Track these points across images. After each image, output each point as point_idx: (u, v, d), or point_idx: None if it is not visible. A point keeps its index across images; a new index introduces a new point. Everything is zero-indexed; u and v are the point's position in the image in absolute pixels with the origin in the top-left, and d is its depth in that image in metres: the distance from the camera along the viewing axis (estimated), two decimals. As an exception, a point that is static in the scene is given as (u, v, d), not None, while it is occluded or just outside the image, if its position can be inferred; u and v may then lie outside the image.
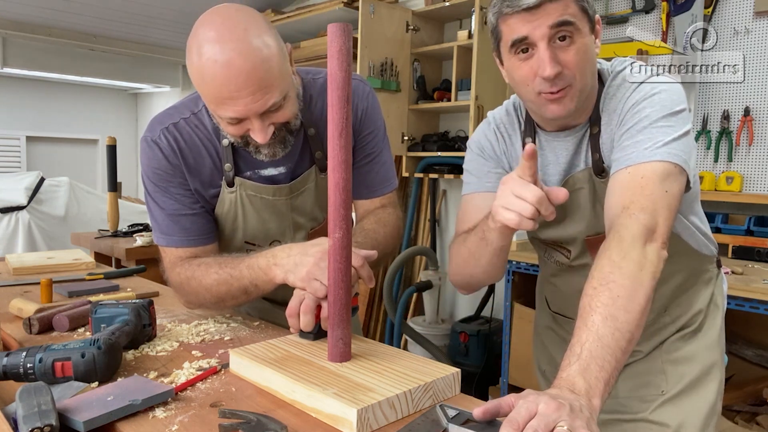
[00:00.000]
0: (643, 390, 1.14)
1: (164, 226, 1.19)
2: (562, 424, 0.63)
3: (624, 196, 0.91)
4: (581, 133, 1.06)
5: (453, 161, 3.32)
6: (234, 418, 0.74)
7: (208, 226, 1.22)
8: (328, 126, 0.87)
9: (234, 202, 1.20)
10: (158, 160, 1.16)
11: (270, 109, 1.01)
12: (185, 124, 1.17)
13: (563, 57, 0.94)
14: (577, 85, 0.97)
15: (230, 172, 1.18)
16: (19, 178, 4.07)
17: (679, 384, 1.12)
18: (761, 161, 2.41)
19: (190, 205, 1.19)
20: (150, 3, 4.30)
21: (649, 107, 0.95)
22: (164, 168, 1.16)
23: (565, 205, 1.08)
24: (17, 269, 1.70)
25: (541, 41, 0.93)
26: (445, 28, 3.56)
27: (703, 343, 1.14)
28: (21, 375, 0.84)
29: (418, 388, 0.80)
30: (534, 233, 1.19)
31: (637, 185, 0.90)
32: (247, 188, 1.19)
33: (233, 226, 1.23)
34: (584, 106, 1.04)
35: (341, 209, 0.87)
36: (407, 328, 3.22)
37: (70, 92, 6.92)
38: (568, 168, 1.09)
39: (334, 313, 0.89)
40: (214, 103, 1.01)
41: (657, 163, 0.91)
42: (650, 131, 0.93)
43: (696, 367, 1.13)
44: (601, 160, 1.04)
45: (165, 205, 1.18)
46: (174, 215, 1.18)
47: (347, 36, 0.85)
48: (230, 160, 1.17)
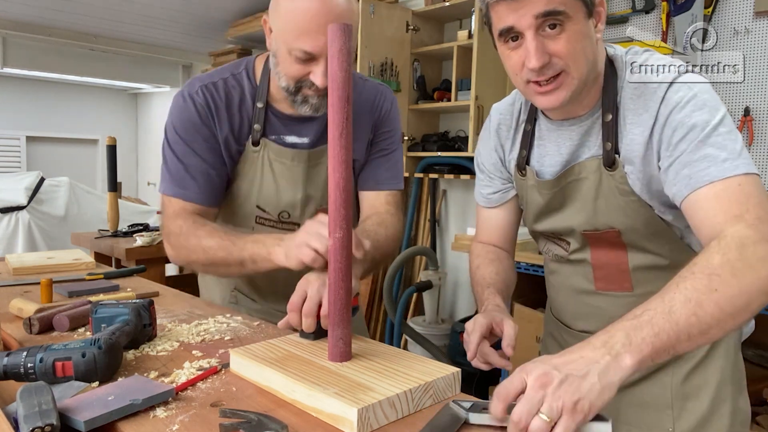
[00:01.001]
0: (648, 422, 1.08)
1: (178, 178, 1.24)
2: (543, 414, 0.64)
3: (730, 203, 0.83)
4: (589, 120, 1.01)
5: (453, 161, 3.32)
6: (234, 417, 0.74)
7: (217, 190, 1.28)
8: (328, 126, 0.87)
9: (255, 163, 1.27)
10: (190, 113, 1.24)
11: None
12: (223, 84, 1.26)
13: (552, 46, 0.89)
14: (573, 72, 0.91)
15: (258, 133, 1.25)
16: (19, 178, 4.07)
17: (687, 422, 1.05)
18: (761, 161, 2.41)
19: (210, 163, 1.25)
20: (150, 3, 4.30)
21: (698, 111, 0.89)
22: (194, 122, 1.24)
23: (565, 195, 1.06)
24: (17, 269, 1.70)
25: (527, 30, 0.89)
26: (445, 28, 3.56)
27: (715, 376, 1.06)
28: (21, 375, 0.84)
29: (419, 387, 0.80)
30: (533, 225, 1.16)
31: (740, 194, 0.83)
32: (269, 150, 1.26)
33: (249, 187, 1.29)
34: (587, 95, 0.98)
35: (341, 209, 0.87)
36: (407, 328, 3.22)
37: (70, 92, 6.92)
38: (570, 158, 1.04)
39: (334, 313, 0.89)
40: (296, 33, 1.08)
41: (745, 176, 0.84)
42: (716, 140, 0.87)
43: (705, 401, 1.05)
44: (614, 150, 0.97)
45: (185, 158, 1.24)
46: (191, 168, 1.24)
47: (347, 36, 0.85)
48: (260, 121, 1.25)
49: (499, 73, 3.08)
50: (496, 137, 1.18)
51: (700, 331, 0.72)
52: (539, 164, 1.09)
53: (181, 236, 1.20)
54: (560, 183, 1.06)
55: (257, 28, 4.22)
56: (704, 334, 0.73)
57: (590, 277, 1.11)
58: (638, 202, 0.99)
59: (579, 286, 1.14)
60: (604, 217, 1.03)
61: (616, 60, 1.00)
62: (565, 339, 1.21)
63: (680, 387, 1.06)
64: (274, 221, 1.32)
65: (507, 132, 1.16)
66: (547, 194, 1.08)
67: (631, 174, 0.98)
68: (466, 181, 3.47)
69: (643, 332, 0.70)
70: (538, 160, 1.09)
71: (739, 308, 0.74)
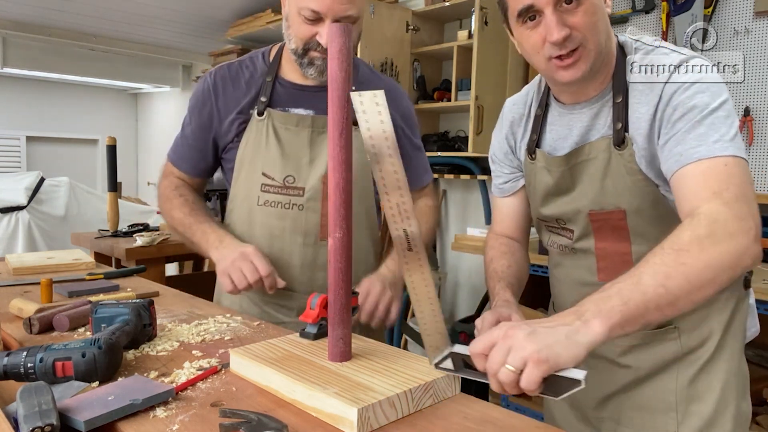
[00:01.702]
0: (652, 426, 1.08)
1: (177, 145, 1.46)
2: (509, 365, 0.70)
3: (712, 180, 0.85)
4: (599, 103, 1.04)
5: (453, 161, 3.32)
6: (235, 417, 0.74)
7: (201, 164, 1.45)
8: (328, 126, 0.87)
9: (260, 131, 1.35)
10: (198, 91, 1.41)
11: (344, 20, 1.21)
12: (237, 65, 1.41)
13: (571, 20, 0.93)
14: (590, 45, 0.95)
15: (263, 104, 1.35)
16: (19, 178, 4.07)
17: (692, 426, 1.05)
18: (761, 161, 2.41)
19: (203, 138, 1.41)
20: (150, 3, 4.30)
21: (700, 93, 0.92)
22: (199, 98, 1.40)
23: (574, 175, 1.07)
24: (17, 269, 1.70)
25: (546, 7, 0.92)
26: (445, 28, 3.56)
27: (720, 379, 1.05)
28: (22, 375, 0.84)
29: (419, 387, 0.80)
30: (540, 209, 1.17)
31: (723, 173, 0.85)
32: (274, 118, 1.35)
33: (254, 155, 1.37)
34: (600, 72, 1.01)
35: (341, 209, 0.87)
36: (407, 328, 3.22)
37: (70, 92, 6.92)
38: (580, 140, 1.06)
39: (334, 313, 0.89)
40: None
41: (733, 158, 0.86)
42: (711, 122, 0.89)
43: (710, 404, 1.05)
44: (624, 129, 0.99)
45: (184, 129, 1.44)
46: (187, 138, 1.43)
47: (347, 36, 0.85)
48: (267, 94, 1.36)
49: (499, 73, 3.08)
50: (509, 127, 1.21)
51: (668, 302, 0.76)
52: (552, 148, 1.11)
53: (162, 197, 1.45)
54: (570, 161, 1.07)
55: (257, 28, 4.22)
56: (672, 305, 0.76)
57: (593, 268, 1.12)
58: (645, 181, 1.01)
59: (582, 278, 1.14)
60: (612, 197, 1.04)
61: (627, 45, 1.03)
62: None
63: (685, 390, 1.06)
64: (279, 186, 1.36)
65: (519, 120, 1.19)
66: (556, 173, 1.10)
67: (637, 152, 1.00)
68: (466, 181, 3.47)
69: (612, 302, 0.74)
70: (550, 144, 1.11)
71: (706, 281, 0.77)
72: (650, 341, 1.08)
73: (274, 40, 1.49)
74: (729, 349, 1.07)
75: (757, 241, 0.81)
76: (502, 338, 0.72)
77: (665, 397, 1.07)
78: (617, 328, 0.73)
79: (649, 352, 1.09)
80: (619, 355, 1.12)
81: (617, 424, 1.13)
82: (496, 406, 0.82)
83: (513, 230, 1.27)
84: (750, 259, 0.80)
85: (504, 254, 1.20)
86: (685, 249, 0.78)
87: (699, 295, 0.78)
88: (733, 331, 1.08)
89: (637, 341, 1.09)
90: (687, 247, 0.78)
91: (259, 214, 1.37)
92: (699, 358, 1.06)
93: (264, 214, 1.36)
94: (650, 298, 0.75)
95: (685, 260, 0.77)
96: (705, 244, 0.78)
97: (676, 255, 0.78)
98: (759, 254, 0.81)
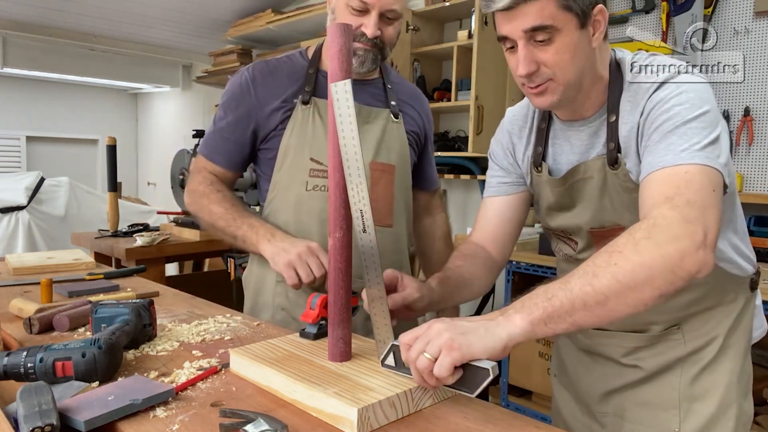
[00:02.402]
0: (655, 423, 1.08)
1: (210, 140, 1.44)
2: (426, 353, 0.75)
3: (667, 186, 0.84)
4: (596, 123, 1.04)
5: (453, 161, 3.32)
6: (235, 417, 0.74)
7: (235, 157, 1.43)
8: (328, 126, 0.87)
9: (306, 119, 1.37)
10: (235, 86, 1.41)
11: (389, 14, 1.30)
12: (276, 62, 1.43)
13: (541, 56, 0.94)
14: (560, 80, 0.96)
15: (308, 93, 1.38)
16: (19, 178, 4.06)
17: (693, 424, 1.05)
18: (761, 161, 2.41)
19: (237, 133, 1.40)
20: (150, 3, 4.30)
21: (678, 105, 0.91)
22: (236, 93, 1.40)
23: (573, 193, 1.08)
24: (17, 269, 1.70)
25: (519, 40, 0.94)
26: (445, 28, 3.56)
27: (724, 379, 1.06)
28: (22, 375, 0.84)
29: (419, 387, 0.80)
30: (545, 220, 1.17)
31: (681, 179, 0.84)
32: (319, 107, 1.38)
33: (302, 142, 1.38)
34: (587, 98, 1.02)
35: (341, 209, 0.87)
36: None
37: (70, 92, 6.91)
38: (580, 157, 1.07)
39: (334, 313, 0.89)
40: None
41: (699, 166, 0.85)
42: (683, 131, 0.89)
43: (712, 403, 1.05)
44: (616, 149, 1.00)
45: (219, 122, 1.42)
46: (222, 132, 1.41)
47: (347, 36, 0.85)
48: (311, 84, 1.39)
49: (499, 73, 3.08)
50: (508, 138, 1.20)
51: (596, 302, 0.76)
52: (554, 162, 1.11)
53: (196, 193, 1.40)
54: (567, 181, 1.08)
55: (257, 28, 4.22)
56: (601, 305, 0.76)
57: None
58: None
59: None
60: (611, 215, 1.04)
61: (623, 63, 1.02)
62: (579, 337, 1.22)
63: (688, 388, 1.07)
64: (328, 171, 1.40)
65: (519, 132, 1.18)
66: (556, 192, 1.10)
67: (632, 169, 1.00)
68: (466, 181, 3.47)
69: (538, 298, 0.78)
70: (553, 158, 1.11)
71: (640, 281, 0.76)
72: (655, 343, 1.09)
73: (274, 40, 1.52)
74: (734, 349, 1.07)
75: (706, 249, 0.78)
76: (425, 330, 0.78)
77: (669, 394, 1.08)
78: (539, 323, 0.76)
79: (653, 353, 1.09)
80: (623, 356, 1.12)
81: (621, 419, 1.13)
82: (496, 406, 0.82)
83: (491, 240, 1.20)
84: (695, 265, 0.77)
85: (460, 256, 1.15)
86: (618, 251, 0.78)
87: (634, 297, 0.77)
88: (739, 332, 1.08)
89: (643, 343, 1.09)
90: (621, 248, 0.79)
91: (308, 200, 1.37)
92: (703, 358, 1.06)
93: (313, 199, 1.37)
94: (576, 296, 0.76)
95: (617, 261, 0.77)
96: (641, 245, 0.77)
97: (609, 256, 0.78)
98: (707, 262, 0.78)
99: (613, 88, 1.01)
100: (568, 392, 1.27)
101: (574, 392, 1.25)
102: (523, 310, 0.77)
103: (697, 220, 0.79)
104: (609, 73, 1.02)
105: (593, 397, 1.18)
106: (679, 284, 0.77)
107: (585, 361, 1.21)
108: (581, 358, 1.22)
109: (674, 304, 1.05)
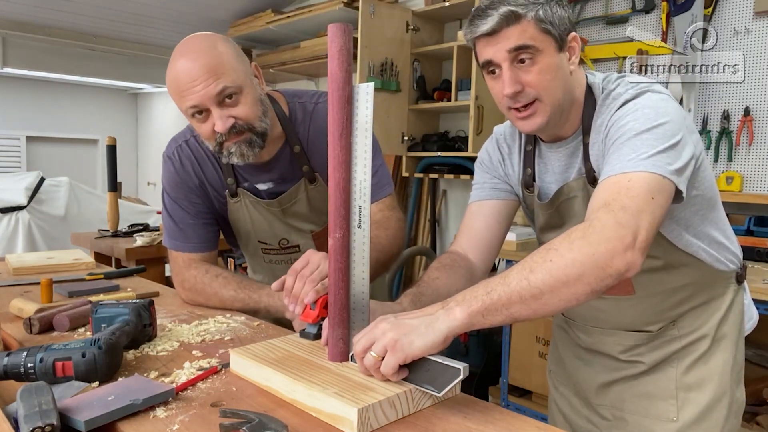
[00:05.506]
0: (653, 412, 1.12)
1: (172, 233, 1.38)
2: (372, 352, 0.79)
3: (608, 193, 0.88)
4: (573, 144, 1.08)
5: (453, 161, 3.32)
6: (235, 417, 0.74)
7: (208, 235, 1.40)
8: (328, 126, 0.87)
9: (240, 209, 1.39)
10: (170, 173, 1.36)
11: (225, 98, 1.16)
12: (195, 141, 1.36)
13: (524, 77, 0.99)
14: (546, 100, 1.00)
15: (233, 185, 1.36)
16: (19, 178, 4.06)
17: (690, 412, 1.10)
18: (761, 161, 2.41)
19: (197, 215, 1.38)
20: (150, 3, 4.30)
21: (632, 121, 0.95)
22: (175, 180, 1.36)
23: (562, 212, 1.12)
24: (17, 269, 1.70)
25: (503, 62, 0.99)
26: (445, 28, 3.56)
27: (717, 369, 1.11)
28: (22, 375, 0.84)
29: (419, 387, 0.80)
30: (539, 237, 1.21)
31: (622, 186, 0.88)
32: (247, 199, 1.37)
33: (245, 228, 1.42)
34: (566, 120, 1.06)
35: (342, 209, 0.87)
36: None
37: (70, 92, 6.92)
38: (562, 177, 1.11)
39: (334, 313, 0.89)
40: (179, 96, 1.17)
41: (642, 173, 0.88)
42: (633, 143, 0.92)
43: (707, 392, 1.10)
44: (592, 170, 1.05)
45: (174, 214, 1.37)
46: (181, 223, 1.37)
47: (347, 36, 0.85)
48: (231, 174, 1.35)
49: (499, 73, 3.08)
50: (499, 153, 1.23)
51: (532, 295, 0.80)
52: (541, 181, 1.15)
53: (197, 286, 1.34)
54: (554, 204, 1.12)
55: (257, 28, 4.22)
56: (536, 298, 0.80)
57: None
58: None
59: None
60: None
61: (594, 87, 1.07)
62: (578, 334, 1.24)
63: (684, 378, 1.11)
64: (277, 249, 1.46)
65: (509, 149, 1.21)
66: (546, 214, 1.15)
67: None
68: (466, 181, 3.47)
69: (477, 291, 0.81)
70: (540, 177, 1.15)
71: (573, 277, 0.79)
72: (651, 340, 1.13)
73: (274, 40, 1.50)
74: (725, 341, 1.13)
75: (635, 251, 0.82)
76: (372, 328, 0.82)
77: (666, 385, 1.12)
78: (478, 315, 0.80)
79: (650, 349, 1.14)
80: (621, 353, 1.16)
81: (620, 411, 1.17)
82: (496, 406, 0.82)
83: (475, 248, 1.20)
84: (623, 264, 0.81)
85: (439, 267, 1.14)
86: (554, 248, 0.82)
87: (567, 291, 0.80)
88: (729, 325, 1.13)
89: (641, 341, 1.14)
90: (557, 246, 0.82)
91: (271, 269, 1.49)
92: (697, 350, 1.12)
93: (275, 269, 1.48)
94: (513, 289, 0.80)
95: (552, 257, 0.81)
96: (575, 244, 0.81)
97: (545, 252, 0.82)
98: (635, 263, 0.82)
99: (587, 110, 1.06)
100: (566, 387, 1.30)
101: (572, 386, 1.28)
102: (464, 303, 0.80)
103: (628, 223, 0.82)
104: (584, 97, 1.07)
105: (591, 390, 1.22)
106: (608, 281, 0.81)
107: (583, 356, 1.24)
108: (580, 353, 1.25)
109: (669, 304, 1.10)
